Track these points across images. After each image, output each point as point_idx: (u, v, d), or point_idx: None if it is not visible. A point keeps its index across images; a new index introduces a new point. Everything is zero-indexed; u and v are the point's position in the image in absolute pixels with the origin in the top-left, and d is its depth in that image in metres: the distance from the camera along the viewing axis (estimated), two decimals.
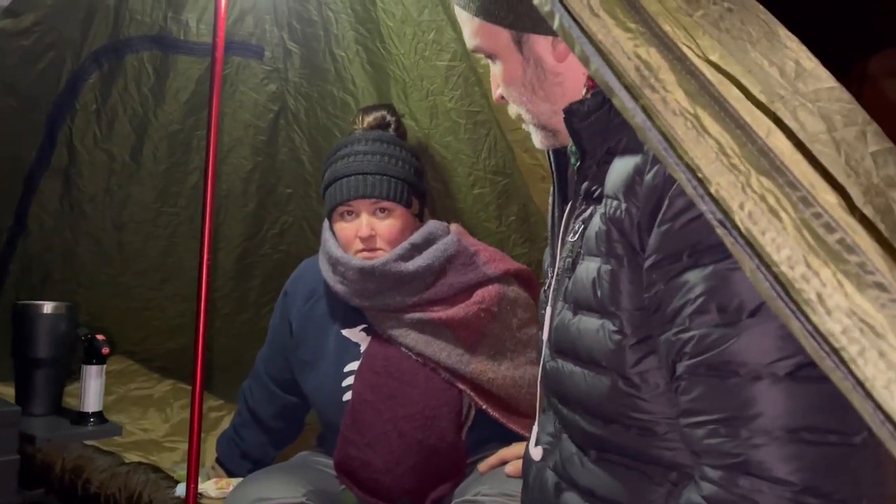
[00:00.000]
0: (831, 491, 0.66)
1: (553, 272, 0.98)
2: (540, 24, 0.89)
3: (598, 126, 0.87)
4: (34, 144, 2.23)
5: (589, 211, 0.89)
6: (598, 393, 0.84)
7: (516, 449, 1.43)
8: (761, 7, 0.71)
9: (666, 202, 0.74)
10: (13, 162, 2.23)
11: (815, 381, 0.66)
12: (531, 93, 0.94)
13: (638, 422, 0.81)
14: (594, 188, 0.89)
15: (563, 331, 0.90)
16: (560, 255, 0.95)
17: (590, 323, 0.85)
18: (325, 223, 1.66)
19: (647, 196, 0.77)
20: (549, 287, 0.99)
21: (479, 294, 1.56)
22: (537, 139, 0.99)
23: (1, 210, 2.27)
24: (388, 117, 1.68)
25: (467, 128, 1.95)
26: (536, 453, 0.99)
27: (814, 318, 0.39)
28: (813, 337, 0.40)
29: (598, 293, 0.83)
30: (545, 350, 0.97)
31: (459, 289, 1.56)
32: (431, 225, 1.62)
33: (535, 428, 1.03)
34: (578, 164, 0.93)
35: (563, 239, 0.96)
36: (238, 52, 2.36)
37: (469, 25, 0.96)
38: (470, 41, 0.97)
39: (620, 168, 0.82)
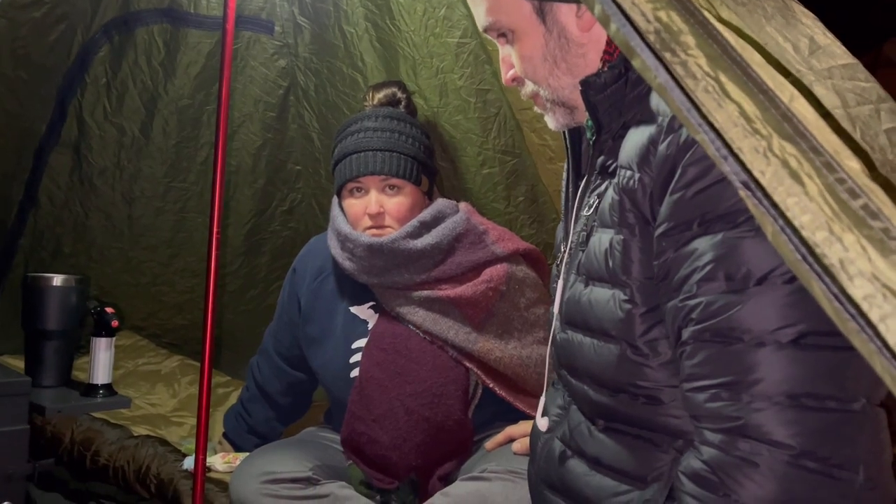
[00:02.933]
0: (829, 455, 0.67)
1: (566, 246, 0.98)
2: None
3: (613, 99, 0.87)
4: (44, 117, 2.23)
5: (604, 185, 0.89)
6: (607, 362, 0.85)
7: (523, 427, 1.44)
8: None
9: (679, 171, 0.75)
10: (24, 135, 2.22)
11: (817, 349, 0.68)
12: (553, 66, 0.92)
13: (645, 390, 0.83)
14: (609, 162, 0.89)
15: (575, 302, 0.90)
16: (574, 229, 0.95)
17: (601, 293, 0.85)
18: (335, 200, 1.66)
19: (661, 165, 0.77)
20: (561, 261, 0.99)
21: (487, 273, 1.56)
22: (553, 119, 0.98)
23: (12, 183, 2.27)
24: (399, 94, 1.67)
25: (477, 106, 1.93)
26: (543, 423, 1.00)
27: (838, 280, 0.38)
28: (837, 299, 0.40)
29: (610, 263, 0.83)
30: (556, 322, 0.97)
31: (468, 267, 1.56)
32: (441, 203, 1.61)
33: (543, 399, 1.03)
34: (594, 138, 0.93)
35: (577, 214, 0.96)
36: (248, 27, 2.35)
37: (485, 1, 0.93)
38: (485, 18, 0.94)
39: (634, 139, 0.82)
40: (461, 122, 1.98)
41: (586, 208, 0.92)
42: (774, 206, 0.41)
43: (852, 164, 0.43)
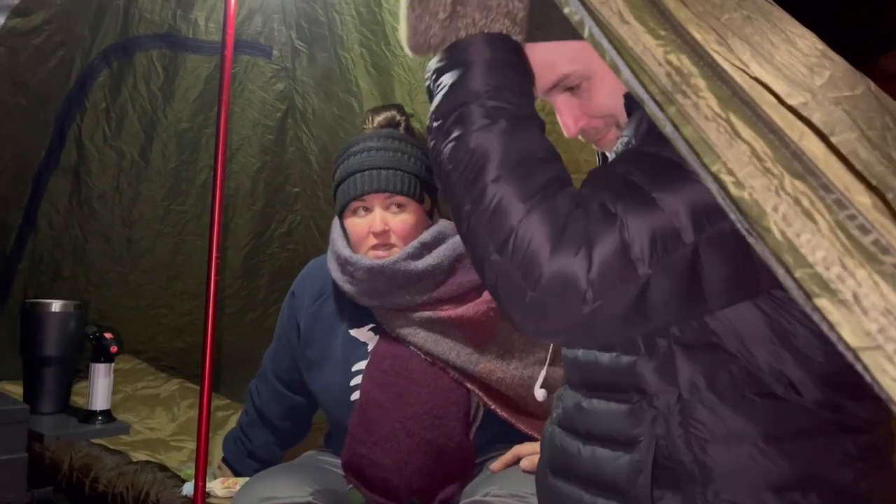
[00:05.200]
0: None
1: None
2: None
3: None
4: (43, 143, 2.24)
5: None
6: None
7: (531, 446, 1.43)
8: (777, 14, 0.71)
9: None
10: (23, 160, 2.23)
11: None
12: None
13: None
14: None
15: None
16: None
17: None
18: (335, 223, 1.66)
19: None
20: None
21: (488, 293, 1.55)
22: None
23: (11, 208, 2.27)
24: (398, 117, 1.68)
25: None
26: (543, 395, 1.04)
27: (844, 328, 0.40)
28: (839, 344, 0.41)
29: None
30: None
31: (469, 288, 1.56)
32: (441, 224, 1.61)
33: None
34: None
35: None
36: (247, 51, 2.37)
37: (562, 54, 0.89)
38: (561, 70, 0.90)
39: None
40: None
41: None
42: (776, 256, 0.43)
43: (863, 200, 0.44)
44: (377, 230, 1.53)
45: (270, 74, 2.43)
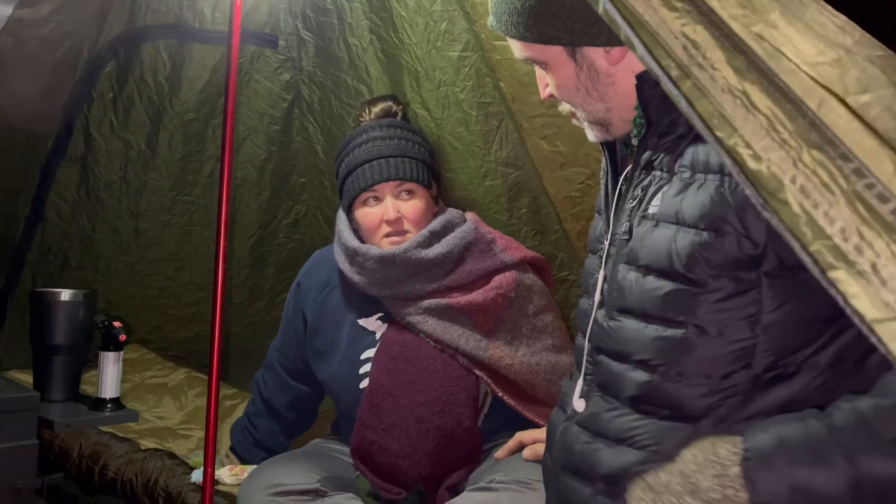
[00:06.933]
0: None
1: (607, 238, 1.01)
2: (596, 38, 0.94)
3: (665, 96, 0.90)
4: (51, 133, 2.24)
5: (648, 179, 0.93)
6: (667, 345, 0.88)
7: (534, 433, 1.44)
8: None
9: None
10: (30, 151, 2.24)
11: None
12: (585, 94, 0.99)
13: (688, 370, 0.86)
14: (655, 158, 0.93)
15: (629, 290, 0.93)
16: (619, 220, 0.99)
17: (662, 284, 0.88)
18: (340, 214, 1.66)
19: None
20: (604, 252, 1.01)
21: (496, 280, 1.57)
22: (592, 134, 1.04)
23: (19, 199, 2.28)
24: (395, 107, 1.70)
25: (479, 119, 1.94)
26: (580, 405, 1.01)
27: (861, 300, 0.40)
28: (854, 317, 0.42)
29: (675, 259, 0.86)
30: (598, 311, 1.00)
31: (478, 275, 1.57)
32: (449, 213, 1.63)
33: (580, 382, 1.03)
34: (642, 134, 0.97)
35: (618, 207, 1.00)
36: (253, 41, 2.36)
37: (519, 44, 1.00)
38: (519, 52, 1.02)
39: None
40: (463, 135, 1.98)
41: (629, 201, 0.96)
42: (790, 230, 0.43)
43: (886, 167, 0.44)
44: (391, 218, 1.55)
45: (276, 65, 2.43)
